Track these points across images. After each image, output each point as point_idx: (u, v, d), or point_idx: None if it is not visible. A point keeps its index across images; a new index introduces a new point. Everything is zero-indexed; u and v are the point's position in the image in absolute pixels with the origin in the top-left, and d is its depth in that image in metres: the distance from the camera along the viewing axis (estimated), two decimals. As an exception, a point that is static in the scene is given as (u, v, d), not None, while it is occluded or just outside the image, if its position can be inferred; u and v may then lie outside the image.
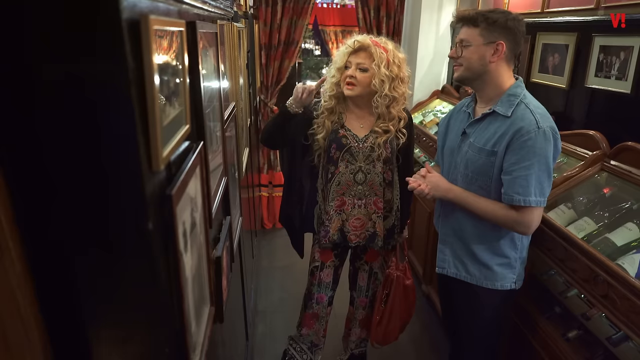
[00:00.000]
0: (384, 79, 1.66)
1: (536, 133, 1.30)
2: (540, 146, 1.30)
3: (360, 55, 1.69)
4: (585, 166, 1.68)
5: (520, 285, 1.53)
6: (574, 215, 1.56)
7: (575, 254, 1.40)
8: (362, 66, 1.68)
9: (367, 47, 1.67)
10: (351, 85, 1.69)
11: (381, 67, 1.66)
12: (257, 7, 3.28)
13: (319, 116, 1.79)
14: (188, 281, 0.75)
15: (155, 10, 0.62)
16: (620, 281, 1.21)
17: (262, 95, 3.50)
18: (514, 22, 1.34)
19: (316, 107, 1.81)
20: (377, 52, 1.66)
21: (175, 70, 0.72)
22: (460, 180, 1.49)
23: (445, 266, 1.61)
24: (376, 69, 1.66)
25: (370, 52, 1.67)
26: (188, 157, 0.80)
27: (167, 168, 0.68)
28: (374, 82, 1.67)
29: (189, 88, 0.83)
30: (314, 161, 1.85)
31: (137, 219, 0.56)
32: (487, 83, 1.42)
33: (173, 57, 0.71)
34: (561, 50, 2.03)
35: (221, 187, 1.25)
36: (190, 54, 0.88)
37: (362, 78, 1.68)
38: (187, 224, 0.76)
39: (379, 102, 1.70)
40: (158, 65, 0.61)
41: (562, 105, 2.02)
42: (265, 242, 3.55)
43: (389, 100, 1.70)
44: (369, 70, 1.68)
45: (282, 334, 2.25)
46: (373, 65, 1.66)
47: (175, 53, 0.71)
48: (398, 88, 1.71)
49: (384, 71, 1.66)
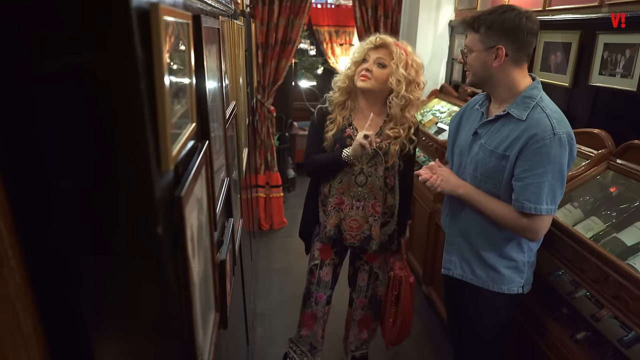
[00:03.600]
0: (401, 79, 1.65)
1: (551, 140, 1.26)
2: (555, 153, 1.27)
3: (381, 51, 1.68)
4: (590, 165, 1.66)
5: (528, 289, 1.50)
6: (580, 215, 1.54)
7: (584, 254, 1.37)
8: (381, 61, 1.67)
9: (389, 45, 1.66)
10: (365, 78, 1.67)
11: (399, 67, 1.64)
12: (253, 5, 3.24)
13: (332, 111, 1.77)
14: (196, 287, 0.71)
15: (162, 1, 0.58)
16: (632, 282, 1.18)
17: (258, 95, 3.46)
18: (515, 21, 1.27)
19: (330, 101, 1.78)
20: (397, 51, 1.65)
21: (182, 66, 0.68)
22: (469, 181, 1.46)
23: (452, 267, 1.58)
24: (394, 67, 1.64)
25: (390, 50, 1.66)
26: (194, 157, 0.76)
27: (175, 168, 0.64)
28: (390, 80, 1.65)
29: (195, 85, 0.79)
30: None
31: (146, 223, 0.52)
32: (497, 86, 1.39)
33: (180, 52, 0.67)
34: (563, 49, 2.01)
35: (224, 188, 1.21)
36: (196, 50, 0.85)
37: (379, 73, 1.67)
38: (195, 227, 0.72)
39: (395, 102, 1.68)
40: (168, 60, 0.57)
41: (565, 104, 2.00)
42: (263, 243, 3.51)
43: (404, 102, 1.68)
44: (387, 66, 1.66)
45: (282, 337, 2.21)
46: (392, 63, 1.65)
47: (182, 47, 0.67)
48: (414, 92, 1.69)
49: (402, 71, 1.64)
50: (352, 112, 1.78)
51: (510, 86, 1.36)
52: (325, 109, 1.78)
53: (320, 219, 1.89)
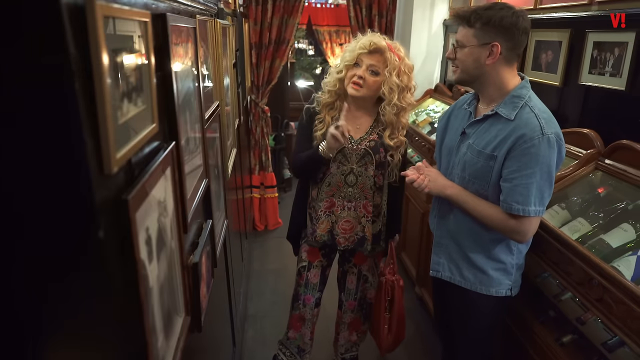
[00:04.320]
0: (394, 87, 1.62)
1: (540, 140, 1.24)
2: (543, 154, 1.24)
3: (374, 57, 1.62)
4: (579, 165, 1.63)
5: (516, 292, 1.48)
6: (568, 216, 1.51)
7: (569, 256, 1.35)
8: (374, 69, 1.62)
9: (383, 51, 1.61)
10: (358, 86, 1.64)
11: (393, 75, 1.60)
12: (247, 5, 3.23)
13: (320, 111, 1.75)
14: (153, 292, 0.69)
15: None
16: (615, 285, 1.16)
17: (252, 95, 3.45)
18: (512, 19, 1.25)
19: (319, 102, 1.76)
20: (391, 58, 1.60)
21: (139, 65, 0.66)
22: (457, 182, 1.44)
23: (440, 269, 1.56)
24: (387, 76, 1.61)
25: (385, 57, 1.61)
26: (155, 158, 0.74)
27: (127, 170, 0.63)
28: (383, 89, 1.63)
29: (158, 85, 0.78)
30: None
31: (86, 227, 0.51)
32: (486, 84, 1.36)
33: (136, 51, 0.65)
34: (554, 47, 1.99)
35: (201, 189, 1.19)
36: (161, 49, 0.83)
37: (372, 82, 1.63)
38: (153, 230, 0.71)
39: (387, 110, 1.66)
40: (115, 58, 0.56)
41: (556, 104, 1.98)
42: (257, 244, 3.49)
43: (397, 109, 1.66)
44: (380, 74, 1.62)
45: (273, 339, 2.20)
46: (385, 72, 1.61)
47: (138, 47, 0.66)
48: (406, 98, 1.67)
49: (395, 80, 1.61)
50: (341, 112, 1.76)
51: (500, 85, 1.34)
52: (313, 109, 1.76)
53: (308, 224, 1.87)
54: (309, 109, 1.77)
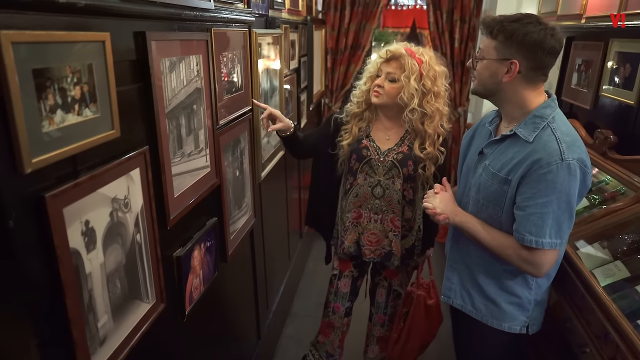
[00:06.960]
0: (414, 92, 1.58)
1: (558, 166, 1.11)
2: (562, 181, 1.11)
3: (392, 64, 1.63)
4: (635, 199, 1.40)
5: (535, 330, 1.33)
6: (606, 257, 1.31)
7: (590, 303, 1.18)
8: (391, 76, 1.62)
9: (399, 57, 1.61)
10: (377, 94, 1.65)
11: (411, 80, 1.58)
12: (325, 12, 3.32)
13: (348, 122, 1.77)
14: (92, 276, 0.79)
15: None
16: (628, 345, 0.99)
17: (326, 98, 3.53)
18: (538, 37, 1.12)
19: (347, 112, 1.78)
20: (408, 62, 1.58)
21: (87, 81, 0.76)
22: (471, 204, 1.34)
23: (452, 296, 1.46)
24: (405, 81, 1.59)
25: (401, 63, 1.60)
26: (112, 160, 0.84)
27: (65, 169, 0.73)
28: (401, 95, 1.60)
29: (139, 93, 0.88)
30: (337, 170, 1.82)
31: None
32: (504, 101, 1.25)
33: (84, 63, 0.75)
34: (634, 60, 1.70)
35: (204, 189, 1.29)
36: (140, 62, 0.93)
37: (390, 89, 1.63)
38: (98, 223, 0.81)
39: (409, 117, 1.63)
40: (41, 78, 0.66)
41: (629, 125, 1.70)
42: (316, 244, 3.56)
43: (419, 115, 1.62)
44: (397, 81, 1.61)
45: (308, 339, 2.24)
46: (403, 77, 1.59)
47: (89, 61, 0.76)
48: (430, 103, 1.61)
49: (414, 84, 1.58)
50: (370, 123, 1.75)
51: (521, 104, 1.22)
52: (341, 120, 1.78)
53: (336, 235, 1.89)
54: (337, 118, 1.79)
